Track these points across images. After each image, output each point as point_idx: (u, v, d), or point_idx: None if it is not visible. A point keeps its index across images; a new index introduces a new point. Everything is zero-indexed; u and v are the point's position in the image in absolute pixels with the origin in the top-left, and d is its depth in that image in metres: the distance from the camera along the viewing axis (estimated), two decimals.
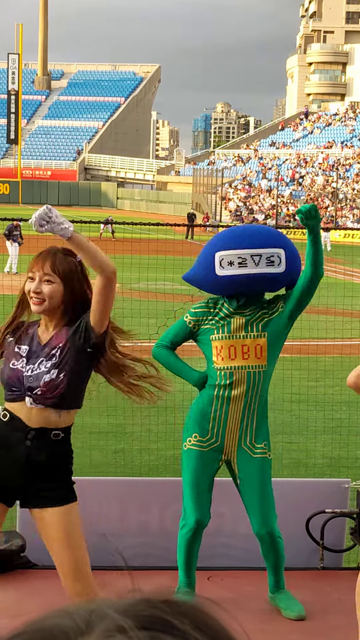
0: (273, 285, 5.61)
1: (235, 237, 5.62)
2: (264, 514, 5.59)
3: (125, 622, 0.73)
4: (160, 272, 11.73)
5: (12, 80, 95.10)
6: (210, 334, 5.61)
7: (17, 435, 4.46)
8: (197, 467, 5.60)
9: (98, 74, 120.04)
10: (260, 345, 5.58)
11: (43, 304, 4.47)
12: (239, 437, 5.60)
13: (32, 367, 4.47)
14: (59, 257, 4.52)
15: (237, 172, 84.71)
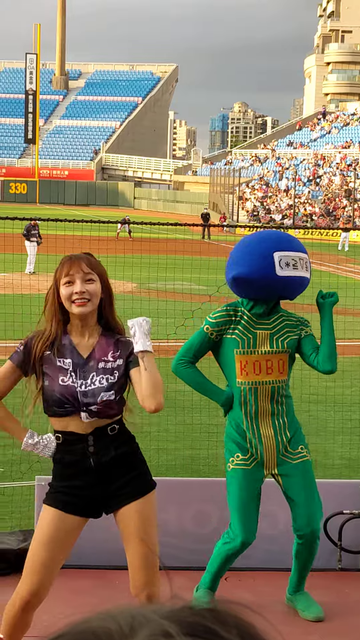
0: (299, 290, 5.62)
1: (286, 239, 5.61)
2: (310, 512, 5.59)
3: (171, 627, 0.72)
4: (178, 272, 11.71)
5: (30, 80, 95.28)
6: (234, 346, 5.55)
7: (78, 448, 4.49)
8: (245, 487, 5.54)
9: (115, 74, 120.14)
10: (283, 361, 5.58)
11: (88, 303, 4.48)
12: (277, 447, 5.58)
13: (84, 382, 4.48)
14: (90, 258, 4.58)
15: (254, 172, 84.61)
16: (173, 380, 10.62)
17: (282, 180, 78.17)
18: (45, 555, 4.48)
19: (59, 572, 4.61)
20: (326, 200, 70.41)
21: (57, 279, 4.54)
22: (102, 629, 0.74)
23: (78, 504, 4.52)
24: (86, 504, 4.53)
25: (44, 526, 4.52)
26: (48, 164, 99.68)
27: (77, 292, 4.45)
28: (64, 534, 4.51)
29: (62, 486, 4.54)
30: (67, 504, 4.51)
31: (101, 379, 4.49)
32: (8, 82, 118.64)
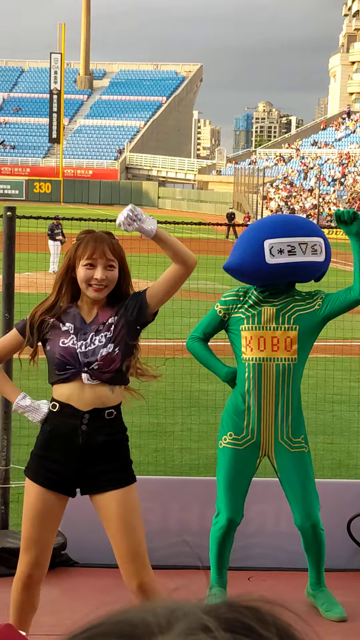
0: (310, 274, 5.55)
1: (282, 225, 5.53)
2: (307, 506, 5.56)
3: (210, 622, 0.72)
4: (202, 272, 11.69)
5: (55, 80, 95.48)
6: (240, 323, 5.55)
7: (71, 423, 4.49)
8: (233, 466, 5.56)
9: (140, 73, 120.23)
10: (291, 338, 5.52)
11: (104, 289, 4.51)
12: (275, 431, 5.54)
13: (84, 342, 4.50)
14: (114, 241, 4.58)
15: (279, 172, 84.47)
16: (196, 380, 10.63)
17: (306, 179, 77.97)
18: (39, 531, 4.55)
19: (83, 572, 4.63)
20: (351, 200, 70.19)
21: (77, 256, 4.54)
22: (139, 620, 0.74)
23: (57, 480, 4.53)
24: (64, 481, 4.54)
25: (30, 502, 4.58)
26: (72, 163, 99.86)
27: (97, 279, 4.47)
28: (49, 509, 4.55)
29: (43, 458, 4.55)
30: (48, 479, 4.53)
31: (100, 337, 4.50)
32: (33, 82, 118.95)
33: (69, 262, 4.56)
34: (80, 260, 4.50)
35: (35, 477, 4.56)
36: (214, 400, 10.24)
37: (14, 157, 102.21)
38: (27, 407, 4.57)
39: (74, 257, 4.55)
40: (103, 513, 4.56)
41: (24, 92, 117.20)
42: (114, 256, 4.52)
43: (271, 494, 6.08)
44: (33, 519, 4.56)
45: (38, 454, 4.59)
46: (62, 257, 28.02)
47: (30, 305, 4.89)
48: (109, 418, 4.52)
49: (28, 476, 4.61)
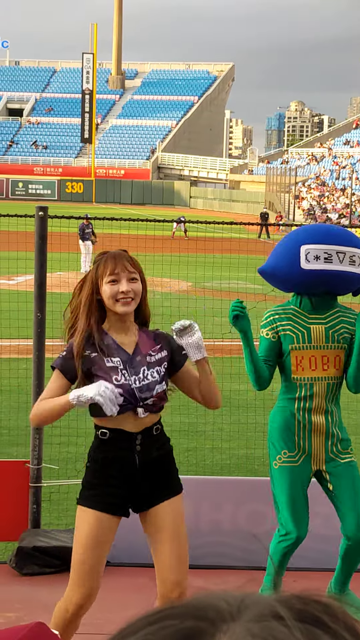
0: (349, 285, 5.51)
1: (321, 232, 5.52)
2: (359, 516, 5.51)
3: (282, 610, 0.73)
4: (234, 271, 11.70)
5: (87, 80, 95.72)
6: (289, 342, 5.48)
7: (125, 446, 4.53)
8: (293, 484, 5.49)
9: (172, 73, 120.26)
10: (339, 357, 5.50)
11: (132, 302, 4.53)
12: (326, 445, 5.52)
13: (136, 377, 4.53)
14: (131, 256, 4.63)
15: (311, 171, 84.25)
16: (228, 379, 10.61)
17: (338, 179, 77.69)
18: (94, 559, 4.53)
19: (113, 571, 4.64)
20: None
21: (98, 276, 4.55)
22: (211, 605, 0.75)
23: (115, 503, 4.55)
24: (122, 503, 4.57)
25: (87, 530, 4.54)
26: (104, 163, 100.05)
27: (123, 292, 4.48)
28: (106, 535, 4.56)
29: (100, 485, 4.55)
30: (105, 504, 4.54)
31: (152, 373, 4.55)
32: (65, 82, 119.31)
33: (93, 284, 4.56)
34: (104, 279, 4.53)
35: (94, 505, 4.54)
36: (245, 400, 10.23)
37: (47, 157, 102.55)
38: (80, 393, 4.35)
39: (95, 278, 4.56)
40: (155, 525, 4.58)
41: (56, 93, 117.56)
42: (134, 269, 4.56)
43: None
44: (94, 546, 4.53)
45: (94, 482, 4.57)
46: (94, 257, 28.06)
47: (62, 305, 4.89)
48: (157, 434, 4.61)
49: (84, 505, 4.58)
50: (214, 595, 0.76)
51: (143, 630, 0.74)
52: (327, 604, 0.76)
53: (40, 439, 6.87)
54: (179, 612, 0.75)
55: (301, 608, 0.74)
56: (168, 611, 0.75)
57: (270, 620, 0.72)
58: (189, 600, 0.76)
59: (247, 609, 0.74)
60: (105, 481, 4.55)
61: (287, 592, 0.77)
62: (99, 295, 4.55)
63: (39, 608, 5.82)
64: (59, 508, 7.58)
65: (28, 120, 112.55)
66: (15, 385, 10.67)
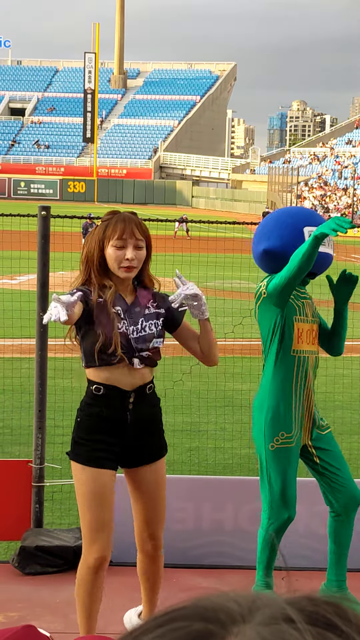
0: (325, 267, 5.61)
1: (315, 214, 5.69)
2: (352, 483, 5.62)
3: (293, 613, 0.72)
4: (236, 271, 11.69)
5: (89, 79, 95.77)
6: (294, 312, 5.50)
7: (118, 403, 4.57)
8: (290, 466, 5.56)
9: (174, 73, 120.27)
10: (315, 331, 5.63)
11: (134, 269, 4.56)
12: (314, 419, 5.62)
13: (134, 327, 4.57)
14: (140, 221, 4.64)
15: (313, 171, 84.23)
16: (230, 379, 10.60)
17: (340, 178, 77.68)
18: (98, 515, 4.60)
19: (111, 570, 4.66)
20: None
21: (106, 237, 4.55)
22: (221, 606, 0.74)
23: (108, 458, 4.60)
24: (114, 458, 4.63)
25: (85, 488, 4.60)
26: (106, 162, 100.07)
27: (128, 259, 4.50)
28: (107, 489, 4.62)
29: (93, 441, 4.59)
30: (100, 459, 4.58)
31: (150, 325, 4.59)
32: (67, 82, 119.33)
33: (99, 242, 4.58)
34: (110, 241, 4.53)
35: (88, 461, 4.59)
36: (247, 400, 10.21)
37: (49, 156, 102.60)
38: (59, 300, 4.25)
39: (102, 238, 4.57)
40: (138, 484, 4.72)
41: (58, 92, 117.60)
42: (142, 236, 4.57)
43: (303, 494, 6.05)
44: (96, 502, 4.60)
45: (86, 437, 4.61)
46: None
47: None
48: (149, 392, 4.67)
49: (78, 461, 4.62)
50: (224, 596, 0.76)
51: (152, 632, 0.73)
52: (339, 606, 0.75)
53: (43, 439, 6.87)
54: (189, 614, 0.74)
55: (312, 610, 0.73)
56: (178, 612, 0.74)
57: (280, 623, 0.72)
58: (198, 601, 0.75)
59: (257, 611, 0.73)
60: (97, 437, 4.58)
61: (298, 594, 0.76)
62: (102, 252, 4.58)
63: (42, 607, 5.83)
64: (61, 507, 7.58)
65: (30, 120, 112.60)
66: (18, 384, 10.68)
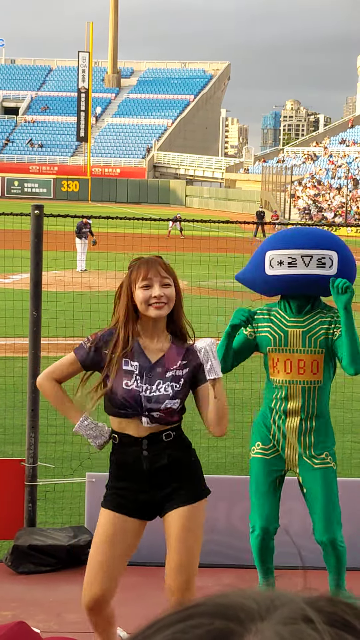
0: (323, 289, 5.45)
1: (287, 238, 5.55)
2: (326, 521, 5.48)
3: (312, 614, 0.72)
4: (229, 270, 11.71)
5: (82, 78, 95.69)
6: (267, 344, 5.51)
7: (133, 451, 4.54)
8: (262, 475, 5.55)
9: (167, 72, 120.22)
10: (317, 361, 5.46)
11: (165, 307, 4.54)
12: (299, 449, 5.51)
13: (149, 387, 4.53)
14: (164, 262, 4.63)
15: (307, 170, 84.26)
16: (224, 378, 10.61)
17: (334, 178, 77.74)
18: (103, 558, 4.55)
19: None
20: None
21: (131, 281, 4.56)
22: (240, 604, 0.74)
23: (130, 506, 4.57)
24: (138, 506, 4.58)
25: (100, 529, 4.60)
26: (100, 162, 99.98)
27: (156, 296, 4.49)
28: (119, 535, 4.56)
29: (116, 487, 4.61)
30: (119, 505, 4.57)
31: (167, 387, 4.54)
32: (60, 81, 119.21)
33: (128, 290, 4.58)
34: (137, 284, 4.54)
35: (107, 504, 4.61)
36: (241, 399, 10.23)
37: (42, 155, 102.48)
38: (90, 431, 4.61)
39: (128, 283, 4.58)
40: (167, 528, 4.60)
41: (51, 91, 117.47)
42: (168, 274, 4.57)
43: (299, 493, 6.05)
44: (101, 545, 4.57)
45: (112, 485, 4.65)
46: (89, 255, 28.09)
47: (57, 304, 4.89)
48: (168, 440, 4.57)
49: (104, 506, 4.64)
50: (242, 594, 0.75)
51: (172, 627, 0.73)
52: (358, 607, 0.75)
53: (36, 438, 6.87)
54: (208, 611, 0.73)
55: (330, 611, 0.73)
56: (197, 609, 0.74)
57: (299, 623, 0.71)
58: (218, 598, 0.75)
59: (276, 610, 0.73)
60: (120, 484, 4.59)
61: (316, 593, 0.76)
62: (133, 301, 4.57)
63: (35, 606, 5.83)
64: (54, 507, 7.58)
65: (24, 119, 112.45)
66: (11, 384, 10.67)
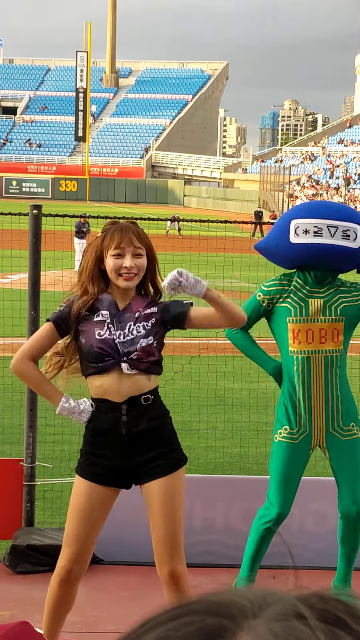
0: (345, 261, 5.46)
1: (313, 208, 5.54)
2: (356, 493, 5.53)
3: (304, 610, 0.72)
4: (227, 270, 11.71)
5: (81, 78, 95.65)
6: (287, 314, 5.49)
7: (112, 417, 4.54)
8: (289, 460, 5.53)
9: (166, 72, 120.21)
10: (338, 330, 5.49)
11: (135, 277, 4.55)
12: (326, 421, 5.52)
13: (122, 332, 4.53)
14: (139, 230, 4.62)
15: (305, 170, 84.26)
16: (222, 378, 10.62)
17: (332, 177, 77.74)
18: (80, 527, 4.57)
19: (108, 569, 4.63)
20: None
21: (104, 247, 4.57)
22: (232, 602, 0.74)
23: (107, 475, 4.57)
24: (115, 474, 4.58)
25: (77, 498, 4.61)
26: (98, 161, 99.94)
27: (127, 267, 4.50)
28: (97, 505, 4.58)
29: (92, 454, 4.59)
30: (96, 475, 4.57)
31: (138, 327, 4.53)
32: (59, 81, 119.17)
33: (97, 254, 4.58)
34: (108, 251, 4.55)
35: (83, 473, 4.61)
36: (239, 399, 10.24)
37: (40, 155, 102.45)
38: (73, 409, 4.59)
39: (100, 249, 4.59)
40: (149, 499, 4.60)
41: (50, 91, 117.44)
42: (141, 244, 4.55)
43: (299, 492, 6.06)
44: (77, 514, 4.59)
45: (86, 451, 4.64)
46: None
47: (55, 304, 4.89)
48: (147, 404, 4.55)
49: (77, 473, 4.66)
50: (235, 592, 0.76)
51: (165, 625, 0.73)
52: (349, 604, 0.75)
53: (34, 437, 6.87)
54: (201, 608, 0.74)
55: (323, 608, 0.73)
56: (190, 607, 0.75)
57: (292, 620, 0.72)
58: (210, 596, 0.75)
59: (268, 607, 0.73)
60: (96, 450, 4.58)
61: (308, 591, 0.76)
62: (102, 265, 4.58)
63: (33, 606, 5.82)
64: (52, 506, 7.58)
65: (22, 119, 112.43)
66: (9, 383, 10.66)
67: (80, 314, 4.57)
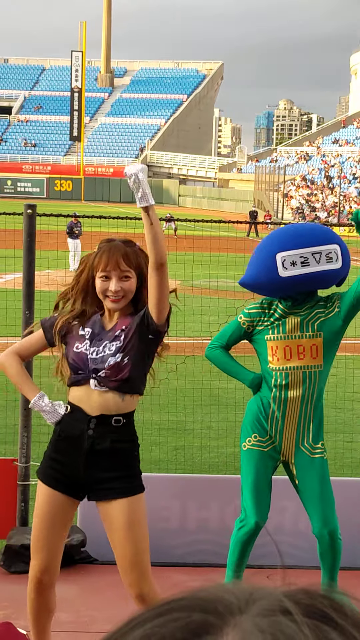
0: (329, 281, 5.51)
1: (293, 236, 5.51)
2: (326, 513, 5.50)
3: (290, 606, 0.73)
4: (222, 270, 11.72)
5: (76, 78, 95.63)
6: (265, 333, 5.53)
7: (80, 426, 4.52)
8: (258, 468, 5.53)
9: (161, 72, 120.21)
10: (316, 345, 5.49)
11: (122, 300, 4.53)
12: (297, 437, 5.52)
13: (96, 349, 4.53)
14: (129, 250, 4.57)
15: (300, 170, 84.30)
16: (216, 378, 10.62)
17: (327, 177, 77.78)
18: (44, 533, 4.56)
19: (102, 569, 4.62)
20: None
21: (94, 267, 4.57)
22: (219, 598, 0.74)
23: (64, 481, 4.56)
24: (69, 482, 4.56)
25: (39, 504, 4.61)
26: (93, 161, 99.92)
27: (112, 291, 4.50)
28: (57, 511, 4.57)
29: (53, 459, 4.59)
30: (55, 480, 4.57)
31: (111, 346, 4.53)
32: (54, 80, 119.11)
33: (89, 273, 4.60)
34: (97, 272, 4.56)
35: (44, 478, 4.61)
36: (234, 398, 10.23)
37: (35, 155, 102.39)
38: (44, 407, 4.61)
39: (91, 267, 4.60)
40: (106, 522, 4.56)
41: (45, 91, 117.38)
42: (128, 266, 4.52)
43: (292, 491, 6.07)
44: (41, 521, 4.59)
45: (49, 455, 4.64)
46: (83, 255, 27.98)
47: (50, 303, 4.89)
48: (116, 425, 4.52)
49: (38, 477, 4.67)
50: (221, 588, 0.76)
51: (151, 622, 0.73)
52: (335, 599, 0.75)
53: (29, 437, 6.87)
54: (187, 605, 0.74)
55: (309, 603, 0.74)
56: (176, 603, 0.75)
57: (277, 615, 0.72)
58: (196, 593, 0.76)
59: (254, 603, 0.74)
60: (57, 456, 4.58)
61: (294, 586, 0.77)
62: (93, 281, 4.60)
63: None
64: None
65: (17, 118, 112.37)
66: (4, 383, 10.66)
67: (63, 327, 4.62)
